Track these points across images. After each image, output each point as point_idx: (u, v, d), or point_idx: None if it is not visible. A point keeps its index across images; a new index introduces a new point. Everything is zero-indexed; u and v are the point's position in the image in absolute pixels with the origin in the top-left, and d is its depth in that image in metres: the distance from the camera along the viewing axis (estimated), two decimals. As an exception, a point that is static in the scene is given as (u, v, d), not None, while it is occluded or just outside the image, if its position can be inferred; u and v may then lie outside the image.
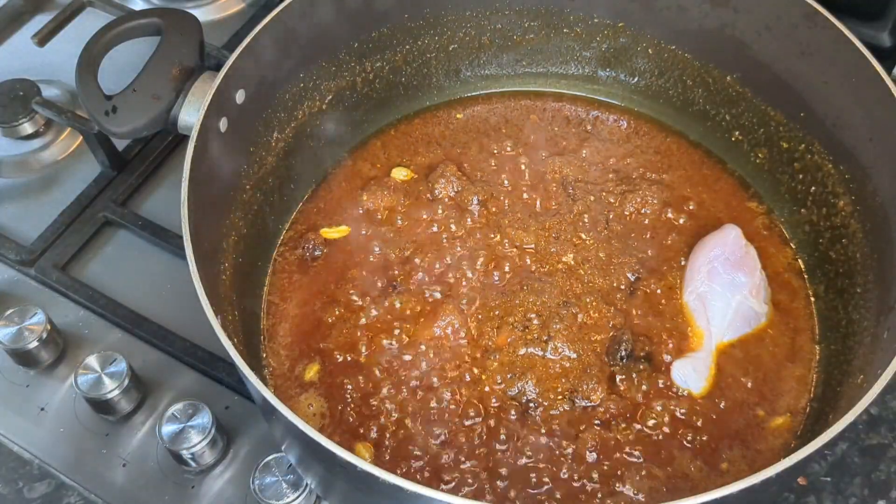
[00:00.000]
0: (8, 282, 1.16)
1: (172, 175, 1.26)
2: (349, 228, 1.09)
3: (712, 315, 1.00)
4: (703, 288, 1.01)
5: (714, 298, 1.00)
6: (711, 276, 1.01)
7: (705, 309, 1.00)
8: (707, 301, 1.01)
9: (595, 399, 0.96)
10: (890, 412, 1.04)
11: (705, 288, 1.01)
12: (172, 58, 0.95)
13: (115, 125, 0.94)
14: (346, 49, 1.10)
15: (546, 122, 1.20)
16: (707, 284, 1.01)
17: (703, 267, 1.02)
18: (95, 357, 1.03)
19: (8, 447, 1.04)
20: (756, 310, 1.01)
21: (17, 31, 1.44)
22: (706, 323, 1.00)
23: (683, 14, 1.09)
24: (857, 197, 0.99)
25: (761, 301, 1.01)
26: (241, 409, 1.04)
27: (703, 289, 1.01)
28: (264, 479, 0.95)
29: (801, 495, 0.99)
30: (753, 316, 1.01)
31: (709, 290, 1.01)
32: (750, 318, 1.01)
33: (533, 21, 1.17)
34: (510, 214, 1.09)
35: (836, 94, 0.99)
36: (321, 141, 1.14)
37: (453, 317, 1.00)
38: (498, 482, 0.91)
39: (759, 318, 1.01)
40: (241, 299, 0.99)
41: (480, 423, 0.95)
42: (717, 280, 1.01)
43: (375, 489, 0.72)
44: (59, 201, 1.22)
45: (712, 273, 1.01)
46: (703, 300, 1.01)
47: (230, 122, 0.95)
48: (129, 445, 1.03)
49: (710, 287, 1.01)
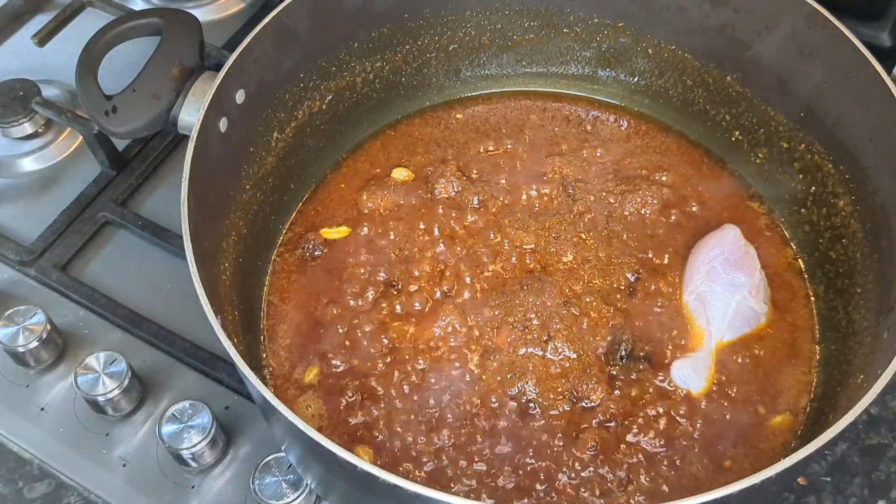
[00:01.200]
0: (8, 282, 1.16)
1: (172, 175, 1.26)
2: (349, 229, 1.09)
3: (712, 315, 1.00)
4: (702, 288, 1.01)
5: (714, 298, 1.00)
6: (711, 276, 1.01)
7: (705, 309, 1.00)
8: (707, 301, 1.01)
9: (595, 399, 0.96)
10: (890, 412, 1.04)
11: (705, 288, 1.01)
12: (172, 58, 0.95)
13: (115, 125, 0.94)
14: (346, 49, 1.10)
15: (546, 122, 1.20)
16: (706, 284, 1.01)
17: (703, 267, 1.02)
18: (95, 357, 1.03)
19: (8, 447, 1.04)
20: (756, 310, 1.01)
21: (17, 31, 1.44)
22: (706, 323, 1.00)
23: (683, 14, 1.09)
24: (857, 197, 0.99)
25: (761, 301, 1.01)
26: (241, 409, 1.04)
27: (702, 289, 1.01)
28: (264, 479, 0.95)
29: (801, 495, 0.99)
30: (753, 316, 1.01)
31: (708, 290, 1.01)
32: (750, 318, 1.01)
33: (533, 21, 1.17)
34: (510, 214, 1.09)
35: (836, 94, 0.99)
36: (321, 141, 1.14)
37: (453, 317, 1.00)
38: (498, 482, 0.91)
39: (759, 317, 1.01)
40: (241, 299, 0.99)
41: (480, 424, 0.95)
42: (716, 280, 1.01)
43: (375, 489, 0.72)
44: (59, 201, 1.22)
45: (712, 273, 1.01)
46: (703, 300, 1.01)
47: (230, 122, 0.95)
48: (129, 445, 1.03)
49: (710, 287, 1.01)
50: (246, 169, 1.02)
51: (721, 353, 0.99)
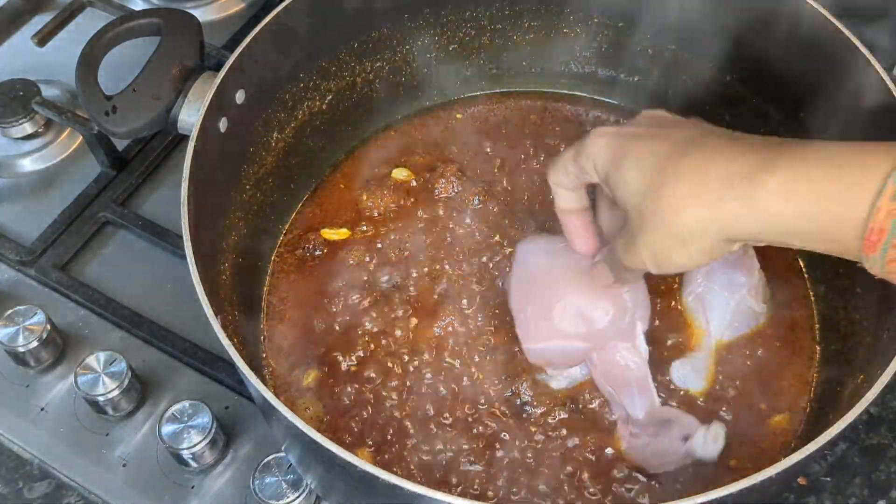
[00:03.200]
0: (8, 282, 1.16)
1: (172, 175, 1.26)
2: (349, 231, 1.09)
3: (711, 315, 1.00)
4: (700, 288, 1.01)
5: (713, 298, 1.00)
6: (709, 276, 1.01)
7: (704, 309, 1.00)
8: (705, 301, 1.00)
9: (594, 400, 0.95)
10: (890, 412, 1.04)
11: (703, 288, 1.01)
12: (172, 58, 0.95)
13: (115, 125, 0.94)
14: (346, 49, 1.10)
15: (546, 122, 1.20)
16: (705, 285, 1.01)
17: (701, 267, 1.02)
18: (95, 357, 1.03)
19: (8, 447, 1.04)
20: (755, 309, 1.01)
21: (17, 31, 1.44)
22: (705, 323, 1.00)
23: (683, 14, 1.09)
24: (856, 197, 0.99)
25: (760, 301, 1.01)
26: (241, 409, 1.05)
27: (700, 289, 1.01)
28: (264, 479, 0.95)
29: (801, 495, 0.99)
30: (753, 316, 1.01)
31: (707, 290, 1.01)
32: (749, 318, 1.01)
33: (533, 21, 1.17)
34: (510, 214, 1.09)
35: (836, 94, 0.99)
36: (321, 141, 1.14)
37: (453, 317, 1.00)
38: (498, 482, 0.91)
39: (759, 317, 1.01)
40: (241, 299, 0.99)
41: (479, 424, 0.94)
42: (714, 280, 1.00)
43: (375, 489, 0.72)
44: (59, 201, 1.22)
45: (710, 273, 1.01)
46: (702, 300, 1.01)
47: (230, 122, 0.95)
48: (129, 445, 1.03)
49: (709, 287, 1.01)
50: (246, 169, 1.02)
51: (720, 352, 0.99)
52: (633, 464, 0.92)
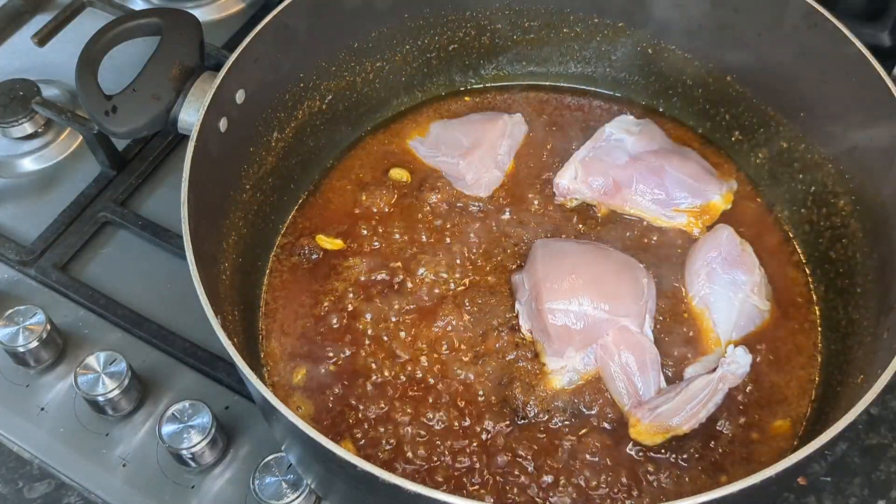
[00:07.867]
0: (8, 282, 1.16)
1: (172, 175, 1.26)
2: (343, 243, 1.08)
3: (718, 317, 1.00)
4: (704, 291, 1.01)
5: (717, 300, 1.00)
6: (711, 277, 1.01)
7: (710, 311, 1.00)
8: (710, 303, 1.00)
9: (594, 403, 0.96)
10: (890, 412, 1.04)
11: (707, 290, 1.01)
12: (172, 58, 0.95)
13: (115, 125, 0.94)
14: (346, 49, 1.10)
15: (546, 122, 1.20)
16: (708, 287, 1.01)
17: (702, 270, 1.01)
18: (95, 357, 1.03)
19: (8, 447, 1.04)
20: (759, 307, 1.01)
21: (17, 31, 1.44)
22: (713, 325, 1.00)
23: (683, 14, 1.09)
24: (857, 197, 0.99)
25: (763, 298, 1.01)
26: (241, 409, 1.04)
27: (704, 291, 1.01)
28: (264, 479, 0.95)
29: (801, 495, 0.99)
30: (758, 314, 1.01)
31: (711, 291, 1.01)
32: (754, 317, 1.00)
33: (533, 21, 1.17)
34: (510, 214, 1.09)
35: (836, 94, 0.99)
36: (321, 141, 1.14)
37: (452, 317, 1.00)
38: (497, 481, 0.91)
39: (763, 315, 1.01)
40: (241, 299, 0.99)
41: (478, 425, 0.94)
42: (717, 281, 1.00)
43: (375, 489, 0.72)
44: (59, 201, 1.22)
45: (712, 275, 1.01)
46: (707, 302, 1.00)
47: (230, 122, 0.95)
48: (129, 445, 1.03)
49: (712, 289, 1.00)
50: (246, 169, 1.02)
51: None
52: (655, 442, 0.92)
